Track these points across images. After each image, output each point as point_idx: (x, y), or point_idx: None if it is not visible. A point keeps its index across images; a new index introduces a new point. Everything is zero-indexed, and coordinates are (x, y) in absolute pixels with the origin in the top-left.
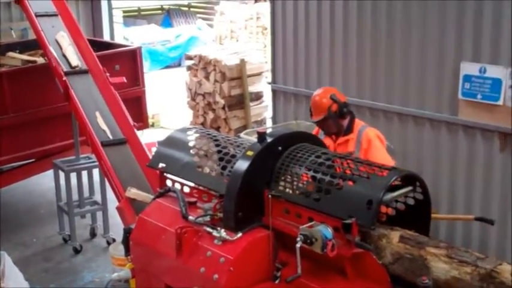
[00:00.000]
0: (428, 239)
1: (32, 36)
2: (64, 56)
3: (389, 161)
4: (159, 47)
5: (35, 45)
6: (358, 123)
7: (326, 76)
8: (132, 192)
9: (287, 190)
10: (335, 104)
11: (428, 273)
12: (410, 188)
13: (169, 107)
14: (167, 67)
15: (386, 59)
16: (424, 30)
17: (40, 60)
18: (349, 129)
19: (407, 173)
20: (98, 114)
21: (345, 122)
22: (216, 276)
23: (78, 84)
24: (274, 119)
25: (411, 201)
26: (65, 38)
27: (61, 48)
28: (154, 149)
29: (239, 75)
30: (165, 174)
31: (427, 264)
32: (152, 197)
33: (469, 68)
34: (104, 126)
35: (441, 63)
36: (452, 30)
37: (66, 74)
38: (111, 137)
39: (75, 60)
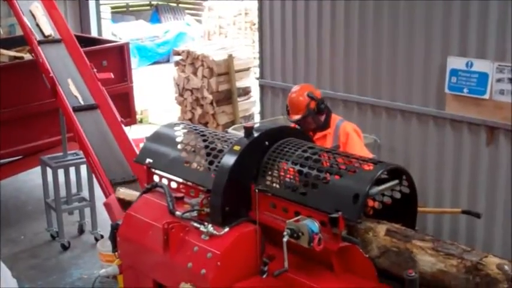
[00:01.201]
0: (414, 233)
1: (19, 32)
2: (38, 25)
3: (367, 154)
4: (147, 42)
5: (22, 41)
6: (335, 117)
7: (313, 71)
8: (121, 192)
9: (274, 185)
10: (313, 101)
11: (415, 266)
12: (396, 181)
13: (158, 103)
14: (156, 63)
15: (373, 54)
16: (411, 25)
17: (27, 56)
18: (327, 124)
19: (393, 167)
20: (70, 81)
21: (323, 118)
22: (203, 271)
23: (51, 53)
24: (262, 114)
25: (398, 195)
26: (38, 9)
27: (35, 19)
28: (142, 145)
29: (227, 70)
30: (152, 169)
31: (414, 257)
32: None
33: (455, 62)
34: (75, 92)
35: (428, 57)
36: (439, 24)
37: (40, 43)
38: (82, 103)
39: (48, 29)
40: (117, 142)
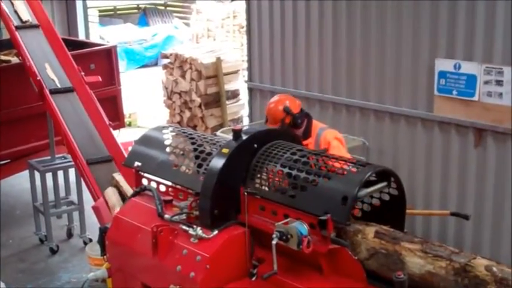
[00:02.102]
0: (403, 234)
1: (5, 36)
2: (16, 12)
3: None
4: (135, 46)
5: (9, 45)
6: (316, 125)
7: (302, 74)
8: (107, 192)
9: (263, 187)
10: (288, 116)
11: (404, 268)
12: (385, 183)
13: (146, 106)
14: (144, 66)
15: (361, 57)
16: (398, 27)
17: (14, 59)
18: (307, 134)
19: (381, 169)
20: (47, 65)
21: (301, 131)
22: (192, 274)
23: (29, 38)
24: (251, 117)
25: (386, 197)
26: None
27: (13, 5)
28: (130, 148)
29: (215, 73)
30: (140, 172)
31: (402, 259)
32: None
33: (443, 64)
34: (52, 76)
35: (416, 59)
36: (427, 27)
37: (17, 28)
38: (59, 86)
39: (26, 15)
40: (93, 123)
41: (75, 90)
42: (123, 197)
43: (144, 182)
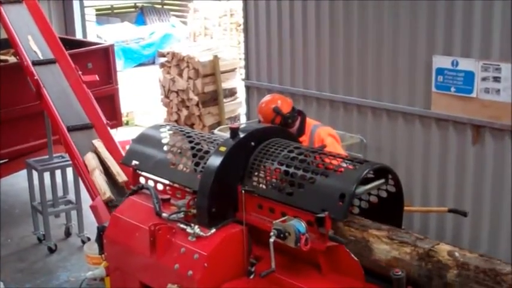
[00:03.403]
0: (372, 222)
1: (3, 35)
2: None
3: None
4: (132, 44)
5: (7, 44)
6: (310, 123)
7: (299, 72)
8: (87, 157)
9: (260, 185)
10: (278, 117)
11: (371, 254)
12: (382, 180)
13: (144, 105)
14: (141, 65)
15: (359, 54)
16: (396, 24)
17: (12, 59)
18: (301, 132)
19: (379, 166)
20: (30, 37)
21: (294, 129)
22: (190, 272)
23: (12, 12)
24: (248, 115)
25: (384, 194)
26: None
27: None
28: (128, 147)
29: (212, 71)
30: (138, 171)
31: (370, 246)
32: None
33: (441, 61)
34: (35, 48)
35: (413, 57)
36: (424, 24)
37: (1, 3)
38: (41, 58)
39: None
40: (74, 93)
41: (58, 62)
42: (102, 162)
43: (142, 180)
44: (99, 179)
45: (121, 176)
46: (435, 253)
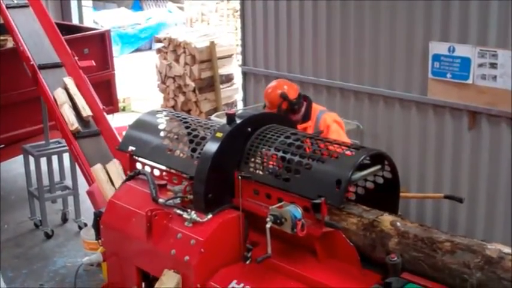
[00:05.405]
0: None
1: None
2: None
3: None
4: (129, 29)
5: (3, 30)
6: (316, 108)
7: (296, 58)
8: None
9: (257, 171)
10: (285, 102)
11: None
12: (379, 166)
13: (140, 91)
14: (138, 50)
15: (355, 40)
16: (392, 10)
17: (9, 44)
18: (307, 117)
19: (375, 152)
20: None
21: (299, 115)
22: (187, 257)
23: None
24: (245, 101)
25: (380, 180)
26: None
27: None
28: (124, 133)
29: (209, 57)
30: (134, 157)
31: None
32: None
33: (437, 47)
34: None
35: (410, 43)
36: (421, 10)
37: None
38: (15, 1)
39: None
40: (46, 34)
41: (31, 6)
42: (73, 103)
43: (139, 166)
44: (68, 111)
45: (86, 111)
46: (378, 223)
